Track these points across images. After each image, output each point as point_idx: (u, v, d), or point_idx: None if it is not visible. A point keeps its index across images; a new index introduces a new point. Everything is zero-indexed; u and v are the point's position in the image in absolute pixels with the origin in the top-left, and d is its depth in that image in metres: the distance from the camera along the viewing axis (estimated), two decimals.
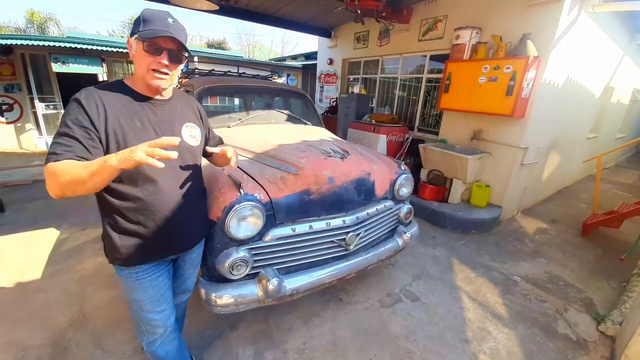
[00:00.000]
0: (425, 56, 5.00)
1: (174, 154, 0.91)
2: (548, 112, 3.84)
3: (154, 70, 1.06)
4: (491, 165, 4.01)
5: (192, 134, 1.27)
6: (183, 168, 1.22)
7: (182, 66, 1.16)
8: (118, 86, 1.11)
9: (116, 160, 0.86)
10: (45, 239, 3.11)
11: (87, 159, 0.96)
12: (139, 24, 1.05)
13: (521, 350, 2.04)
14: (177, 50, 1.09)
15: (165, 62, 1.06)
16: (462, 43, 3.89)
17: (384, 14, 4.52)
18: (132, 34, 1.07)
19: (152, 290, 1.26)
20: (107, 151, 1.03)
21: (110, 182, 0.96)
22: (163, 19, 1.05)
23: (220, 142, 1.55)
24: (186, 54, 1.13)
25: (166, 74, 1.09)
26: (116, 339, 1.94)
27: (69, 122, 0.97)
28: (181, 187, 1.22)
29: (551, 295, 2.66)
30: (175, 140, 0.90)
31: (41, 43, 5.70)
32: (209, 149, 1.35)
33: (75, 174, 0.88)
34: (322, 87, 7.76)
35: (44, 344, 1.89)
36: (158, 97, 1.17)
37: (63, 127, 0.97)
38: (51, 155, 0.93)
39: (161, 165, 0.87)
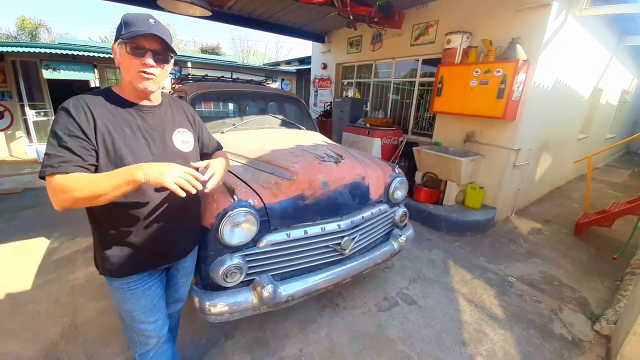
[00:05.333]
0: (418, 60, 5.05)
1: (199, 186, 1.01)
2: (539, 114, 3.90)
3: (140, 72, 1.05)
4: (484, 167, 4.05)
5: (183, 140, 1.25)
6: None
7: (169, 67, 1.13)
8: (106, 94, 1.10)
9: (143, 177, 0.93)
10: (36, 248, 3.05)
11: (89, 170, 0.99)
12: (120, 28, 1.04)
13: (517, 352, 2.04)
14: (161, 51, 1.07)
15: (150, 61, 1.04)
16: (453, 47, 3.94)
17: (376, 20, 4.57)
18: (115, 40, 1.06)
19: (145, 300, 1.23)
20: (97, 159, 1.02)
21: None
22: (144, 20, 1.04)
23: (218, 148, 1.51)
24: (171, 54, 1.11)
25: (152, 74, 1.07)
26: (108, 350, 1.90)
27: (60, 133, 0.96)
28: (173, 194, 1.20)
29: (546, 295, 2.67)
30: (202, 178, 1.04)
31: (32, 50, 5.65)
32: (193, 164, 1.14)
33: (96, 188, 0.91)
34: (316, 91, 7.80)
35: (35, 356, 1.84)
36: (147, 103, 1.15)
37: (55, 138, 0.96)
38: (50, 167, 0.92)
39: (183, 194, 0.97)
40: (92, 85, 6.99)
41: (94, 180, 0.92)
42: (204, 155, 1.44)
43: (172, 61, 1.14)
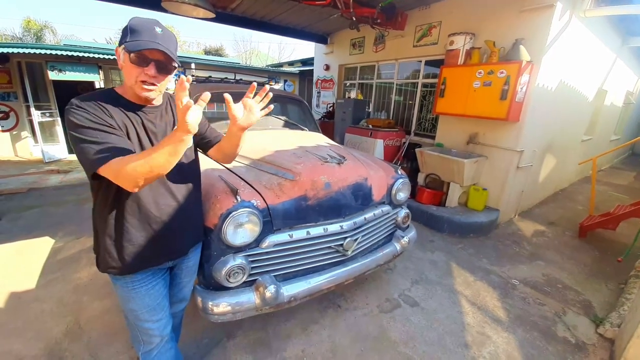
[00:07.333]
0: (421, 61, 5.05)
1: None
2: (542, 115, 3.88)
3: (142, 81, 1.04)
4: (488, 168, 4.03)
5: None
6: (177, 171, 1.21)
7: (172, 76, 1.13)
8: (109, 94, 1.10)
9: (181, 134, 0.91)
10: (40, 247, 3.08)
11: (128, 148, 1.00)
12: (126, 34, 1.02)
13: (521, 355, 2.03)
14: (165, 61, 1.05)
15: (152, 73, 1.04)
16: (456, 48, 3.94)
17: (378, 21, 4.57)
18: (120, 44, 1.05)
19: (149, 299, 1.24)
20: None
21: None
22: (151, 29, 1.02)
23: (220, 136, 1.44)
24: (175, 65, 1.09)
25: (154, 84, 1.07)
26: (112, 349, 1.92)
27: (86, 122, 0.96)
28: (176, 189, 1.22)
29: (550, 298, 2.66)
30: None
31: (37, 51, 5.70)
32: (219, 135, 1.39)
33: (154, 161, 0.92)
34: (319, 92, 7.81)
35: (39, 355, 1.86)
36: (149, 104, 1.16)
37: (84, 131, 0.96)
38: (99, 157, 0.93)
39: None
40: (97, 86, 7.05)
41: (144, 154, 0.93)
42: (207, 143, 1.40)
43: (175, 71, 1.12)
